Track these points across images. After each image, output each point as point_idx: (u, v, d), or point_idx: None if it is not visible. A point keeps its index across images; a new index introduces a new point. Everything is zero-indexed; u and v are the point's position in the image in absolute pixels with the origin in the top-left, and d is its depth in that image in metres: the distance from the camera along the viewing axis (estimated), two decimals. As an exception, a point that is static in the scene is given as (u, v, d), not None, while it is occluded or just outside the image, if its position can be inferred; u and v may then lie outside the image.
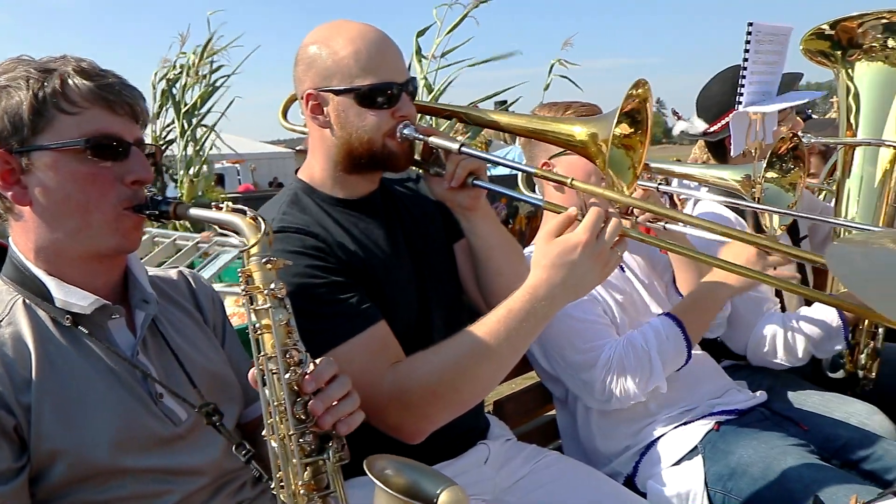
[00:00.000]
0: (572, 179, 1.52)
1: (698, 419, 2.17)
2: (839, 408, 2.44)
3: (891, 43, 2.45)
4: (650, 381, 2.03)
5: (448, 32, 5.25)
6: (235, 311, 2.74)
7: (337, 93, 1.63)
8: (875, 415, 2.38)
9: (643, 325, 2.10)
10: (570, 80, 6.05)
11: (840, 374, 2.59)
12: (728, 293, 2.13)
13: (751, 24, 2.13)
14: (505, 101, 7.01)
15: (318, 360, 1.26)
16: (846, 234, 2.43)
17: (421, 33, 5.36)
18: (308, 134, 1.79)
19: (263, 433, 1.22)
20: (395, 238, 1.79)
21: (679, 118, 2.91)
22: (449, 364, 1.53)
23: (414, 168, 1.83)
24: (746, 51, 2.13)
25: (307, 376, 1.22)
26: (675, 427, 2.16)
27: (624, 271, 2.32)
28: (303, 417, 1.21)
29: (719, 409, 2.20)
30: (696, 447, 2.11)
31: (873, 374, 2.56)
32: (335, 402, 1.23)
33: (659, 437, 2.16)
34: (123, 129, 1.32)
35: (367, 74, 1.61)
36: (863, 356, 2.52)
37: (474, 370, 1.53)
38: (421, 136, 1.68)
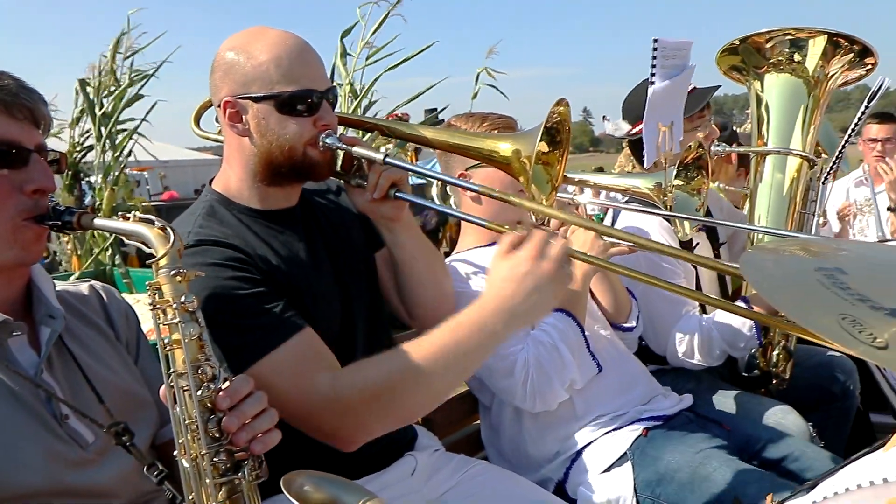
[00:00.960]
0: (492, 190, 1.52)
1: (627, 425, 2.21)
2: (756, 408, 2.53)
3: (797, 57, 2.57)
4: (565, 372, 2.07)
5: (374, 32, 5.19)
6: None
7: (257, 100, 1.59)
8: (789, 414, 2.47)
9: (539, 324, 2.13)
10: (496, 88, 6.09)
11: (755, 375, 2.68)
12: (584, 277, 2.16)
13: (656, 41, 2.22)
14: (434, 109, 6.99)
15: (233, 377, 1.21)
16: (761, 239, 2.53)
17: (346, 33, 5.26)
18: (224, 143, 1.74)
19: (175, 452, 1.18)
20: (316, 250, 1.76)
21: (606, 121, 2.98)
22: (393, 374, 1.48)
23: (334, 178, 1.80)
24: (653, 66, 2.21)
25: (221, 392, 1.17)
26: (605, 433, 2.19)
27: None
28: (217, 436, 1.17)
29: (647, 416, 2.24)
30: (625, 453, 2.14)
31: (787, 374, 2.66)
32: (250, 419, 1.19)
33: (589, 444, 2.19)
34: (22, 134, 1.25)
35: (287, 81, 1.58)
36: (776, 356, 2.62)
37: (419, 382, 1.48)
38: (344, 146, 1.65)
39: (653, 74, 2.22)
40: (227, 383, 1.19)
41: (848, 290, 0.96)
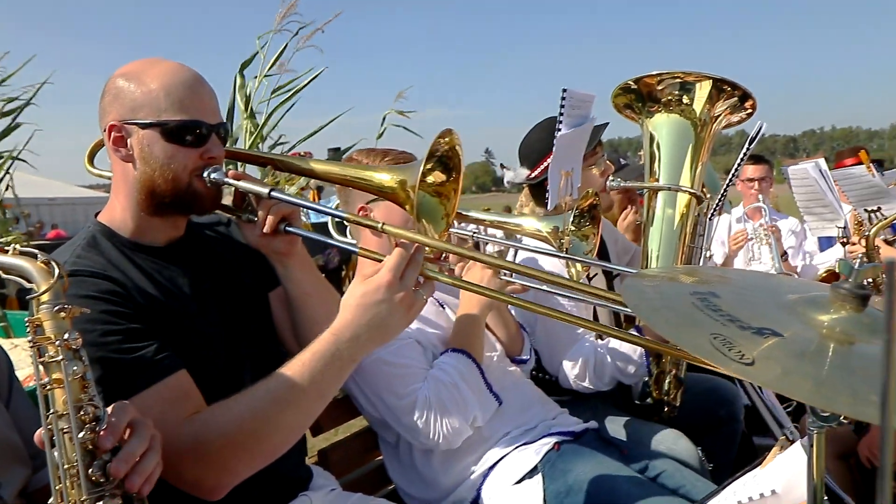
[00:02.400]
0: (383, 224, 1.51)
1: (539, 439, 2.24)
2: (649, 435, 2.61)
3: (685, 99, 2.71)
4: (468, 410, 2.09)
5: (273, 63, 5.09)
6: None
7: (143, 126, 1.57)
8: (680, 439, 2.57)
9: (436, 364, 2.15)
10: (405, 128, 6.14)
11: (648, 403, 2.77)
12: (482, 313, 2.24)
13: (565, 91, 2.32)
14: (338, 148, 6.96)
15: (110, 408, 1.15)
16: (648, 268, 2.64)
17: (245, 65, 5.14)
18: (112, 176, 1.70)
19: (50, 501, 1.10)
20: (202, 286, 1.71)
21: (505, 169, 3.06)
22: (250, 412, 1.44)
23: (225, 213, 1.78)
24: (561, 114, 2.31)
25: (103, 432, 1.11)
26: (516, 447, 2.22)
27: (444, 308, 2.37)
28: (100, 480, 1.10)
29: (557, 430, 2.29)
30: (535, 466, 2.17)
31: (677, 401, 2.76)
32: (138, 459, 1.13)
33: (501, 459, 2.21)
34: None
35: (176, 110, 1.57)
36: (667, 385, 2.72)
37: (277, 417, 1.45)
38: (229, 180, 1.64)
39: (560, 122, 2.31)
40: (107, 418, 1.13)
41: (719, 312, 1.02)
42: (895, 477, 0.64)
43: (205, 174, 1.61)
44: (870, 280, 2.36)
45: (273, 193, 1.62)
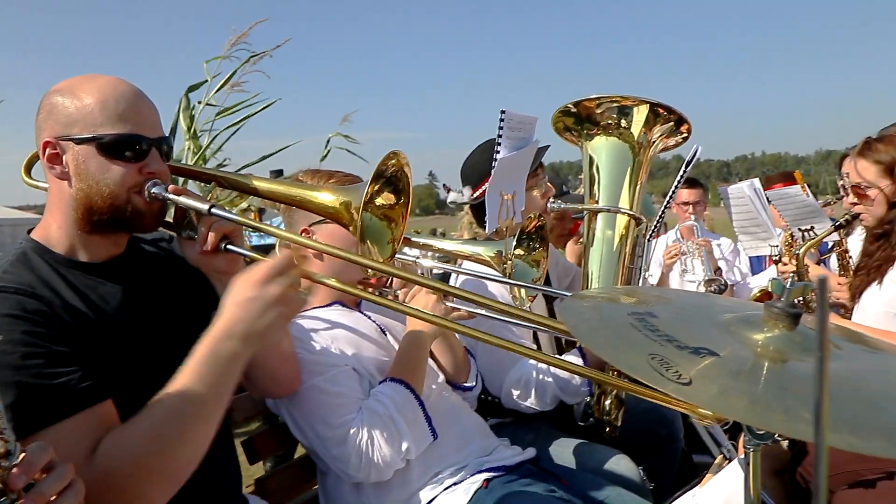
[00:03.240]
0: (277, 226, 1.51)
1: (468, 477, 2.20)
2: (592, 456, 2.61)
3: (623, 123, 2.76)
4: (401, 442, 2.02)
5: (219, 88, 5.06)
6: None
7: (78, 141, 1.52)
8: (622, 459, 2.58)
9: (373, 393, 2.09)
10: (349, 151, 6.14)
11: (590, 424, 2.78)
12: (427, 340, 2.18)
13: (503, 112, 2.33)
14: (280, 171, 6.91)
15: (27, 448, 1.07)
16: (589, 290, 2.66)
17: (192, 88, 5.11)
18: (48, 190, 1.63)
19: None
20: (141, 305, 1.65)
21: (449, 190, 3.06)
22: (151, 431, 1.39)
23: (167, 231, 1.73)
24: (499, 136, 2.31)
25: (15, 469, 1.03)
26: (445, 489, 2.16)
27: (385, 334, 2.33)
28: None
29: (487, 467, 2.24)
30: None
31: (619, 421, 2.78)
32: (53, 498, 1.06)
33: (430, 501, 2.14)
34: None
35: (113, 124, 1.53)
36: (608, 405, 2.74)
37: (179, 430, 1.41)
38: (170, 196, 1.60)
39: (499, 144, 2.32)
40: (22, 455, 1.05)
41: (657, 332, 1.02)
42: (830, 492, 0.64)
43: (145, 189, 1.57)
44: (801, 298, 2.43)
45: (214, 210, 1.60)
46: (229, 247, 1.66)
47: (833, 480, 2.19)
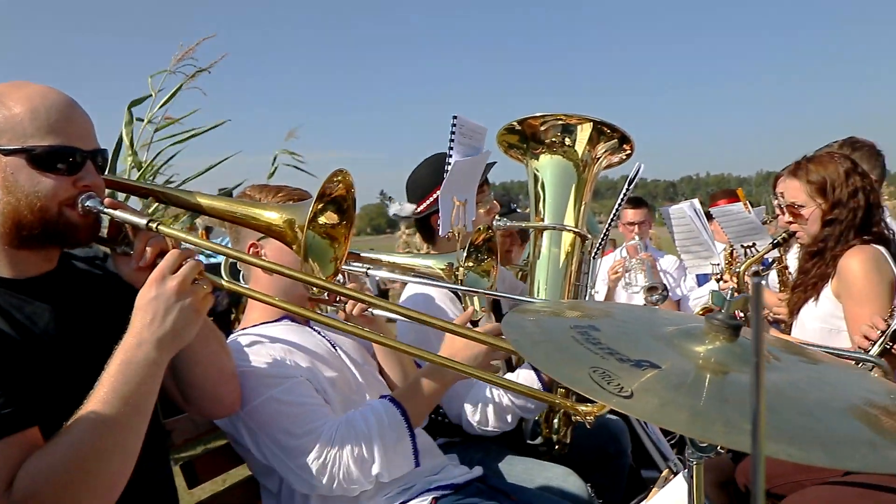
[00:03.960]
0: (158, 224, 1.54)
1: (416, 497, 2.15)
2: (541, 474, 2.60)
3: (567, 141, 2.79)
4: (372, 467, 1.95)
5: (163, 104, 4.95)
6: None
7: (6, 153, 1.45)
8: (570, 476, 2.57)
9: (364, 407, 2.04)
10: (297, 167, 6.07)
11: (539, 441, 2.77)
12: (454, 377, 2.10)
13: (455, 117, 2.32)
14: (230, 192, 6.80)
15: None
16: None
17: (135, 103, 4.98)
18: None
19: None
20: (71, 325, 1.58)
21: (392, 202, 3.04)
22: (71, 448, 1.34)
23: (101, 246, 1.67)
24: (451, 140, 2.30)
25: None
26: None
27: (336, 350, 2.28)
28: None
29: (436, 485, 2.20)
30: None
31: (567, 438, 2.78)
32: None
33: None
34: None
35: (44, 135, 1.46)
36: (557, 423, 2.73)
37: (101, 444, 1.36)
38: (105, 209, 1.54)
39: (451, 148, 2.31)
40: None
41: (599, 345, 1.01)
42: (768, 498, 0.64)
43: (78, 202, 1.51)
44: (742, 315, 2.48)
45: (152, 224, 1.55)
46: None
47: (779, 489, 2.22)
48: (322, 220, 1.68)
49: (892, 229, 2.92)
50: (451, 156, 2.33)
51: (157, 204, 1.86)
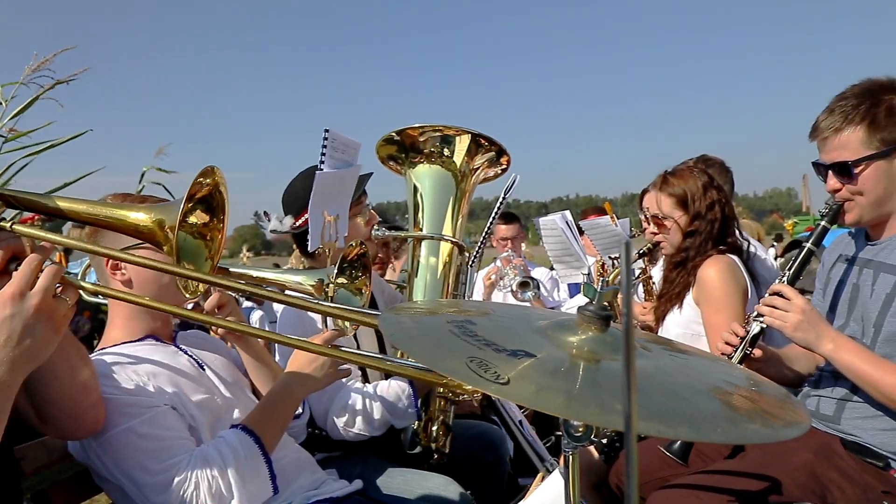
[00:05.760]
0: (12, 223, 1.45)
1: None
2: (420, 484, 2.58)
3: (446, 151, 2.82)
4: (230, 500, 1.85)
5: (16, 114, 4.59)
6: None
7: None
8: (450, 485, 2.57)
9: (217, 439, 1.93)
10: (166, 188, 5.79)
11: (418, 451, 2.76)
12: (298, 393, 2.07)
13: (327, 131, 2.28)
14: None
15: None
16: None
17: None
18: None
19: None
20: None
21: (268, 218, 2.95)
22: None
23: None
24: (322, 153, 2.26)
25: None
26: None
27: (203, 369, 2.17)
28: None
29: (315, 500, 2.14)
30: None
31: (447, 448, 2.78)
32: None
33: None
34: None
35: None
36: (435, 431, 2.73)
37: None
38: None
39: (322, 162, 2.26)
40: None
41: (476, 337, 1.01)
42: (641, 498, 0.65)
43: None
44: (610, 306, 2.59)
45: (5, 224, 1.44)
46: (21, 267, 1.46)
47: (645, 487, 2.31)
48: (192, 219, 1.59)
49: (746, 239, 3.15)
50: (320, 169, 2.29)
51: (6, 209, 1.69)
